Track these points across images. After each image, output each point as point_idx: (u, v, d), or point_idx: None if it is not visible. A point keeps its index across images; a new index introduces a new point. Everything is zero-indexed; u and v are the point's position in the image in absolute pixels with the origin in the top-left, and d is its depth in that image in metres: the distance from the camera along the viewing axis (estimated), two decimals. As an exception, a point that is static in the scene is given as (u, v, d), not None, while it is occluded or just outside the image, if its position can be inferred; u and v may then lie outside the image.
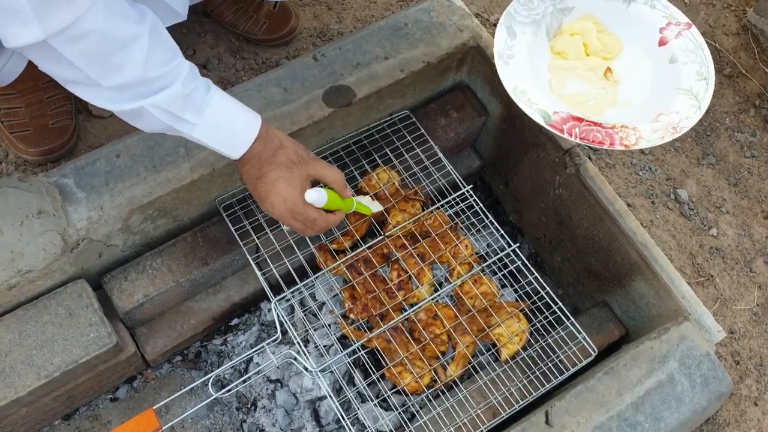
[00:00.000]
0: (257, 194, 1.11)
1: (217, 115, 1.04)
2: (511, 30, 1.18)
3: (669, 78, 1.17)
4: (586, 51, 1.21)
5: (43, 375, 1.12)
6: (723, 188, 1.82)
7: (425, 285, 1.30)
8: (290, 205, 1.09)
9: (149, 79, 0.96)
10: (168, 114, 1.00)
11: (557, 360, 1.22)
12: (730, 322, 1.64)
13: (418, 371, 1.21)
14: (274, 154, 1.09)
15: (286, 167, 1.09)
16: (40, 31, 0.85)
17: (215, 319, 1.36)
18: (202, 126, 1.03)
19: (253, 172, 1.10)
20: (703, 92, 1.13)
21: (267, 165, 1.09)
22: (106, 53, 0.91)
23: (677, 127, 1.11)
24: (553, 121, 1.12)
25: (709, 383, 1.18)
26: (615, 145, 1.10)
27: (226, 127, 1.06)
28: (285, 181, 1.08)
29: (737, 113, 1.95)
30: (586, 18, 1.22)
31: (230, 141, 1.07)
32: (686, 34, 1.18)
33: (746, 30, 2.09)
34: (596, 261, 1.41)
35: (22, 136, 1.48)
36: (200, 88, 1.02)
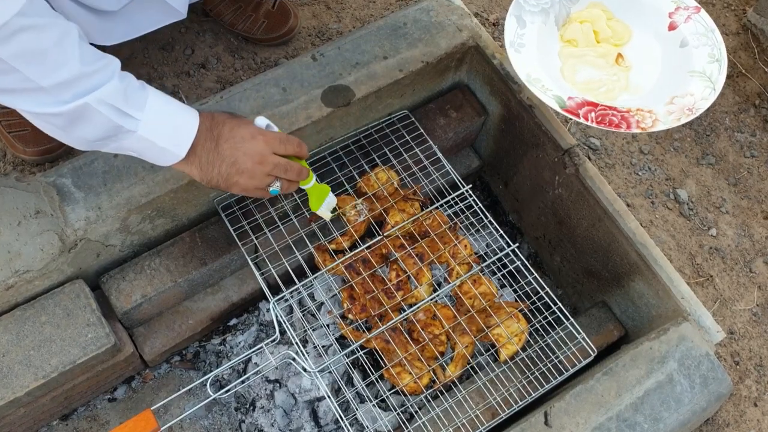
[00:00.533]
0: (225, 163, 1.06)
1: (159, 107, 1.01)
2: (521, 19, 1.19)
3: (681, 61, 1.17)
4: (597, 38, 1.21)
5: (41, 375, 1.12)
6: (723, 188, 1.82)
7: (424, 285, 1.30)
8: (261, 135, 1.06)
9: (87, 74, 0.94)
10: (113, 109, 0.97)
11: (556, 360, 1.22)
12: (730, 323, 1.63)
13: (417, 372, 1.21)
14: (213, 117, 1.06)
15: (230, 117, 1.07)
16: None
17: (213, 320, 1.36)
18: (146, 120, 1.00)
19: (209, 145, 1.05)
20: (716, 74, 1.14)
21: (215, 126, 1.05)
22: (43, 51, 0.90)
23: (693, 108, 1.12)
24: (568, 106, 1.12)
25: (708, 384, 1.17)
26: (632, 127, 1.10)
27: (170, 117, 1.03)
28: (238, 125, 1.05)
29: (737, 113, 1.94)
30: (595, 5, 1.22)
31: (176, 133, 1.03)
32: (696, 17, 1.19)
33: (746, 30, 2.08)
34: (595, 261, 1.41)
35: (20, 136, 1.48)
36: (133, 82, 1.00)
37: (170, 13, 1.28)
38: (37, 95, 0.93)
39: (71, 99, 0.94)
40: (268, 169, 1.08)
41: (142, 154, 1.04)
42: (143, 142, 1.01)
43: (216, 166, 1.06)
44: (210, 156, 1.05)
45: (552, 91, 1.13)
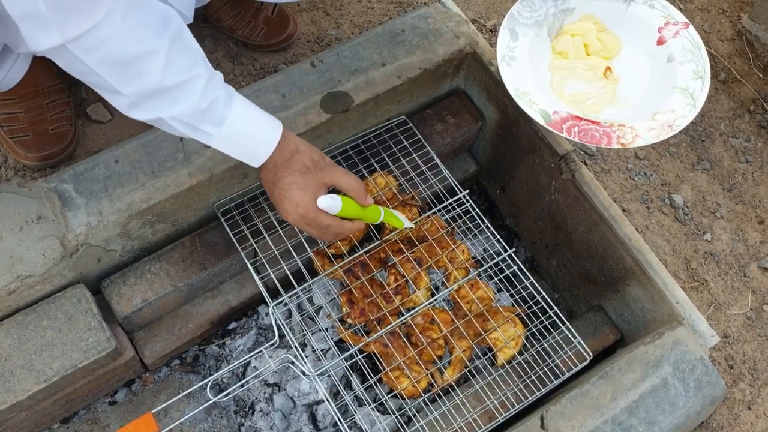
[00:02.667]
0: (273, 199, 1.12)
1: (236, 127, 1.05)
2: (514, 32, 1.20)
3: (666, 77, 1.19)
4: (587, 51, 1.22)
5: (42, 379, 1.12)
6: (717, 193, 1.83)
7: (422, 290, 1.31)
8: (302, 210, 1.08)
9: (166, 88, 0.97)
10: (186, 125, 1.02)
11: (553, 364, 1.23)
12: (724, 327, 1.65)
13: (415, 375, 1.22)
14: (289, 159, 1.09)
15: (300, 173, 1.08)
16: (58, 37, 0.87)
17: (213, 323, 1.37)
18: (219, 137, 1.04)
19: (269, 177, 1.10)
20: (698, 91, 1.15)
21: (282, 170, 1.08)
22: (124, 63, 0.93)
23: (672, 125, 1.13)
24: (552, 120, 1.13)
25: (702, 387, 1.19)
26: (612, 143, 1.12)
27: (246, 138, 1.07)
28: (298, 187, 1.08)
29: (732, 118, 1.96)
30: (587, 18, 1.23)
31: (249, 152, 1.08)
32: (684, 33, 1.20)
33: (741, 36, 2.10)
34: (591, 266, 1.42)
35: (22, 142, 1.49)
36: (220, 100, 1.02)
37: None
38: (119, 98, 0.98)
39: (148, 112, 0.99)
40: (299, 228, 1.13)
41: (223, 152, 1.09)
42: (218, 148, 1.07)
43: (268, 192, 1.13)
44: (266, 184, 1.12)
45: (538, 105, 1.15)
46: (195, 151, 1.24)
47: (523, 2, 1.22)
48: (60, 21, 0.86)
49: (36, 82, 1.45)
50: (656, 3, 1.22)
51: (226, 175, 1.26)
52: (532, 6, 1.22)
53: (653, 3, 1.22)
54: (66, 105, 1.53)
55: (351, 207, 1.14)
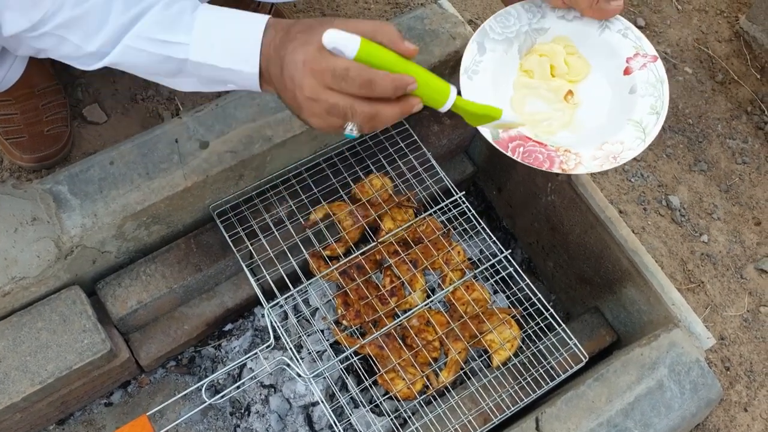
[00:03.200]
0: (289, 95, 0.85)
1: (210, 24, 0.89)
2: (482, 46, 1.19)
3: (625, 108, 1.17)
4: (552, 72, 1.21)
5: (37, 381, 1.12)
6: (714, 195, 1.83)
7: (417, 291, 1.31)
8: (309, 63, 0.80)
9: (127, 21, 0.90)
10: (155, 42, 0.89)
11: (548, 366, 1.23)
12: (721, 328, 1.65)
13: (411, 377, 1.22)
14: (288, 31, 0.85)
15: (303, 32, 0.83)
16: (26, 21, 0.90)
17: (209, 325, 1.37)
18: (196, 42, 0.88)
19: (276, 71, 0.85)
20: (651, 126, 1.13)
21: (283, 46, 0.84)
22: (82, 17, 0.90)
23: (618, 156, 1.11)
24: (500, 138, 1.13)
25: (698, 389, 1.19)
26: (554, 167, 1.10)
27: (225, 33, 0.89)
28: (301, 44, 0.82)
29: (729, 120, 1.96)
30: (560, 39, 1.21)
31: (237, 48, 0.88)
32: (651, 66, 1.18)
33: (739, 36, 2.10)
34: (588, 267, 1.42)
35: (17, 143, 1.49)
36: (186, 8, 0.90)
37: None
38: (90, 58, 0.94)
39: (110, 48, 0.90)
40: (324, 107, 0.82)
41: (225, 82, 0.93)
42: (207, 69, 0.90)
43: (286, 98, 0.87)
44: (279, 85, 0.86)
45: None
46: (190, 152, 1.24)
47: (497, 17, 1.21)
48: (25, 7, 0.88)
49: (32, 84, 1.45)
50: (630, 33, 1.20)
51: (222, 176, 1.26)
52: (505, 22, 1.21)
53: (627, 32, 1.20)
54: (62, 106, 1.53)
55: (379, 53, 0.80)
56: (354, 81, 0.79)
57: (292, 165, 1.34)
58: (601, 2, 1.15)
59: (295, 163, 1.34)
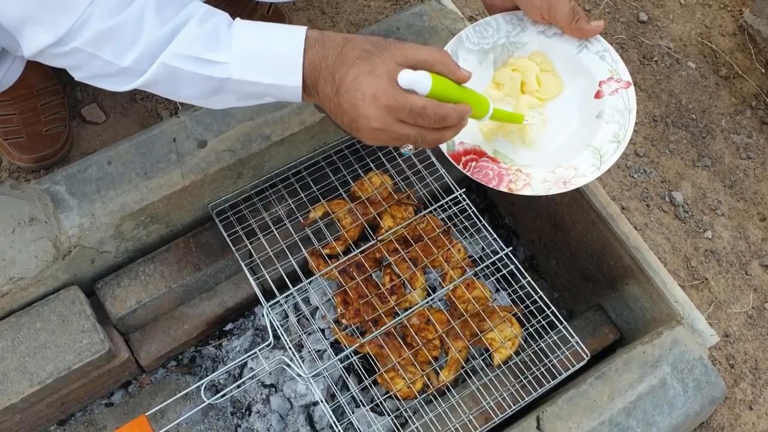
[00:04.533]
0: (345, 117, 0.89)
1: (248, 40, 0.88)
2: (456, 55, 1.17)
3: (588, 132, 1.14)
4: (522, 89, 1.19)
5: (36, 382, 1.12)
6: (718, 190, 1.82)
7: (418, 289, 1.30)
8: (383, 99, 0.84)
9: (161, 36, 0.87)
10: (194, 61, 0.87)
11: (550, 364, 1.22)
12: (725, 326, 1.63)
13: (411, 377, 1.21)
14: (341, 52, 0.87)
15: (362, 59, 0.86)
16: (51, 36, 0.85)
17: (209, 324, 1.36)
18: (236, 60, 0.87)
19: (328, 90, 0.88)
20: (609, 154, 1.10)
21: (339, 68, 0.86)
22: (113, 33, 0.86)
23: (568, 182, 1.09)
24: (455, 151, 1.11)
25: (701, 388, 1.18)
26: (501, 186, 1.09)
27: (267, 49, 0.88)
28: (367, 75, 0.85)
29: (733, 115, 1.94)
30: (537, 55, 1.19)
31: (279, 63, 0.88)
32: (621, 93, 1.15)
33: (743, 30, 2.08)
34: (590, 264, 1.41)
35: (16, 143, 1.49)
36: (222, 23, 0.89)
37: None
38: (122, 76, 0.90)
39: (147, 66, 0.87)
40: (393, 137, 0.89)
41: (266, 97, 0.93)
42: (248, 86, 0.90)
43: (338, 117, 0.91)
44: (331, 104, 0.90)
45: None
46: (188, 151, 1.24)
47: (476, 26, 1.19)
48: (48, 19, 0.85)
49: (30, 84, 1.45)
50: (608, 55, 1.17)
51: (220, 175, 1.25)
52: (483, 33, 1.19)
53: (604, 55, 1.17)
54: (60, 106, 1.53)
55: (444, 86, 0.89)
56: (430, 118, 0.86)
57: (291, 163, 1.34)
58: (581, 21, 1.12)
59: (293, 162, 1.34)
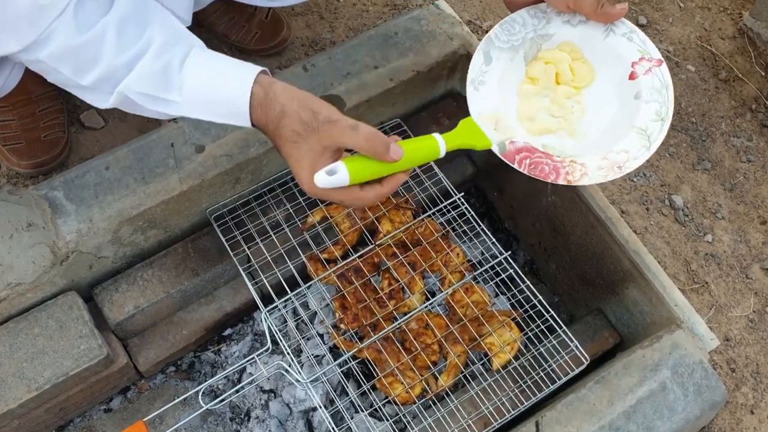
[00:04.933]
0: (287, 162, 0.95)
1: (198, 87, 0.91)
2: (488, 56, 1.17)
3: (629, 114, 1.15)
4: (557, 80, 1.19)
5: (33, 387, 1.12)
6: (719, 194, 1.81)
7: (416, 294, 1.30)
8: (306, 188, 0.91)
9: (120, 65, 0.89)
10: (146, 97, 0.90)
11: (549, 369, 1.21)
12: (726, 329, 1.63)
13: (409, 381, 1.21)
14: (278, 126, 0.90)
15: (292, 141, 0.89)
16: (16, 45, 0.88)
17: (208, 330, 1.36)
18: (186, 103, 0.91)
19: (277, 142, 0.93)
20: (656, 133, 1.11)
21: (276, 139, 0.92)
22: (74, 52, 0.89)
23: (622, 166, 1.09)
24: (507, 151, 1.12)
25: (702, 392, 1.17)
26: (559, 179, 1.09)
27: (214, 99, 0.91)
28: (294, 161, 0.90)
29: (733, 117, 1.94)
30: (565, 45, 1.19)
31: (227, 113, 0.92)
32: (656, 71, 1.15)
33: (742, 33, 2.08)
34: (590, 268, 1.41)
35: (15, 149, 1.49)
36: (175, 60, 0.90)
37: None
38: (83, 92, 0.93)
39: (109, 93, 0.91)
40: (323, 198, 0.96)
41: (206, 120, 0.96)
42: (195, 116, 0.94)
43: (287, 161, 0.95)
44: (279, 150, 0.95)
45: (497, 133, 1.13)
46: (186, 156, 1.24)
47: (502, 25, 1.19)
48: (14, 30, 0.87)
49: (29, 90, 1.45)
50: (635, 36, 1.17)
51: (218, 180, 1.25)
52: (511, 30, 1.19)
53: (632, 36, 1.17)
54: (59, 112, 1.53)
55: (369, 168, 0.88)
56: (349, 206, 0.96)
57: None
58: (606, 6, 1.13)
59: (292, 166, 1.34)
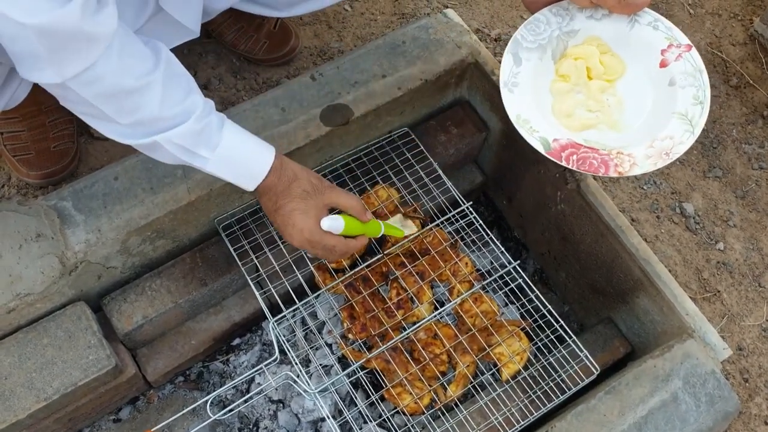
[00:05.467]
0: (276, 225, 1.15)
1: (230, 150, 1.07)
2: (517, 57, 1.18)
3: (666, 101, 1.16)
4: (589, 74, 1.20)
5: (42, 398, 1.12)
6: (730, 201, 1.79)
7: (425, 304, 1.29)
8: (307, 234, 1.10)
9: (163, 118, 1.00)
10: (181, 149, 1.03)
11: (559, 379, 1.20)
12: (738, 339, 1.61)
13: (418, 392, 1.20)
14: (289, 186, 1.11)
15: (301, 198, 1.11)
16: (56, 76, 0.91)
17: (216, 340, 1.36)
18: (215, 161, 1.06)
19: (269, 205, 1.13)
20: (698, 117, 1.12)
21: (282, 197, 1.11)
22: (122, 95, 0.96)
23: (670, 152, 1.10)
24: (552, 149, 1.12)
25: (714, 402, 1.15)
26: (609, 171, 1.09)
27: (240, 161, 1.09)
28: (301, 212, 1.10)
29: (744, 124, 1.92)
30: (592, 40, 1.21)
31: (244, 175, 1.10)
32: (686, 56, 1.17)
33: (753, 39, 2.07)
34: (600, 277, 1.39)
35: (24, 160, 1.49)
36: (213, 124, 1.05)
37: (183, 32, 1.30)
38: (113, 126, 1.01)
39: (143, 136, 1.01)
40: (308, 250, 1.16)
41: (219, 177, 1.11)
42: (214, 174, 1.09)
43: (273, 222, 1.15)
44: (268, 212, 1.15)
45: (539, 133, 1.13)
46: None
47: (527, 26, 1.20)
48: (57, 61, 0.89)
49: (38, 101, 1.46)
50: (660, 24, 1.19)
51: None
52: (536, 29, 1.20)
53: (657, 24, 1.19)
54: (68, 123, 1.54)
55: (353, 225, 1.16)
56: (336, 253, 1.15)
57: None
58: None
59: (300, 176, 1.33)
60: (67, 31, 0.86)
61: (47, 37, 0.86)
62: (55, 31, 0.85)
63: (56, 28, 0.85)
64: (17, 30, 0.84)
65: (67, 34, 0.87)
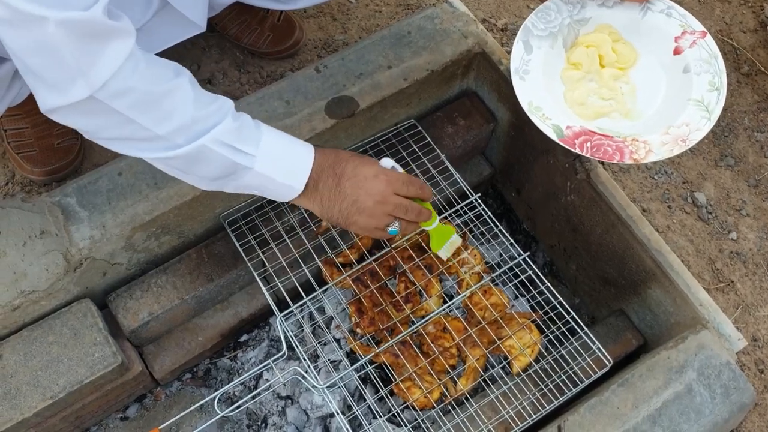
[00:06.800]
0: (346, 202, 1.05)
1: (273, 145, 1.02)
2: (528, 45, 1.17)
3: (681, 88, 1.15)
4: (601, 62, 1.19)
5: (48, 396, 1.11)
6: (743, 190, 1.77)
7: (433, 297, 1.27)
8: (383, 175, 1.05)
9: (200, 118, 0.96)
10: (230, 148, 0.98)
11: (571, 372, 1.18)
12: (753, 329, 1.58)
13: (427, 386, 1.18)
14: (336, 155, 1.06)
15: (354, 156, 1.07)
16: (85, 87, 0.86)
17: (223, 336, 1.35)
18: (262, 157, 1.01)
19: (330, 182, 1.05)
20: (714, 103, 1.11)
21: (338, 164, 1.05)
22: (155, 101, 0.92)
23: (686, 139, 1.09)
24: (565, 136, 1.10)
25: (730, 394, 1.13)
26: (624, 159, 1.08)
27: (285, 153, 1.04)
28: (363, 164, 1.05)
29: (756, 112, 1.89)
30: (603, 28, 1.20)
31: (293, 167, 1.04)
32: (701, 42, 1.16)
33: (764, 26, 2.03)
34: (611, 268, 1.37)
35: (28, 157, 1.49)
36: (248, 121, 1.02)
37: (189, 27, 1.29)
38: (155, 141, 0.95)
39: (185, 142, 0.96)
40: (389, 209, 1.07)
41: (263, 191, 1.06)
42: (261, 178, 1.02)
43: (337, 204, 1.06)
44: (332, 193, 1.05)
45: (551, 120, 1.12)
46: (198, 161, 1.22)
47: (538, 13, 1.19)
48: (84, 66, 0.85)
49: (42, 97, 1.45)
50: (673, 11, 1.18)
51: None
52: (547, 17, 1.19)
53: (670, 11, 1.18)
54: (72, 119, 1.53)
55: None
56: (415, 185, 1.09)
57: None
58: None
59: (305, 169, 1.32)
60: (91, 24, 0.83)
61: (70, 30, 0.82)
62: (79, 22, 0.82)
63: (79, 19, 0.81)
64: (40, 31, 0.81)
65: (91, 29, 0.83)
